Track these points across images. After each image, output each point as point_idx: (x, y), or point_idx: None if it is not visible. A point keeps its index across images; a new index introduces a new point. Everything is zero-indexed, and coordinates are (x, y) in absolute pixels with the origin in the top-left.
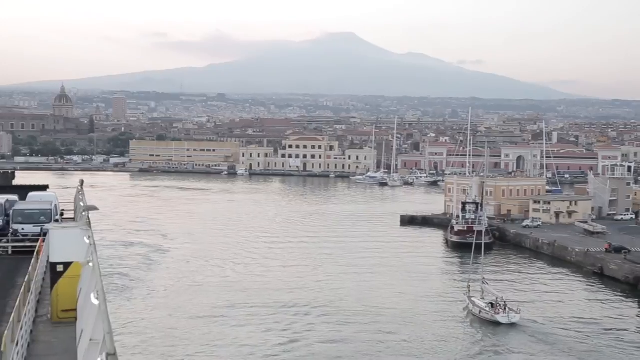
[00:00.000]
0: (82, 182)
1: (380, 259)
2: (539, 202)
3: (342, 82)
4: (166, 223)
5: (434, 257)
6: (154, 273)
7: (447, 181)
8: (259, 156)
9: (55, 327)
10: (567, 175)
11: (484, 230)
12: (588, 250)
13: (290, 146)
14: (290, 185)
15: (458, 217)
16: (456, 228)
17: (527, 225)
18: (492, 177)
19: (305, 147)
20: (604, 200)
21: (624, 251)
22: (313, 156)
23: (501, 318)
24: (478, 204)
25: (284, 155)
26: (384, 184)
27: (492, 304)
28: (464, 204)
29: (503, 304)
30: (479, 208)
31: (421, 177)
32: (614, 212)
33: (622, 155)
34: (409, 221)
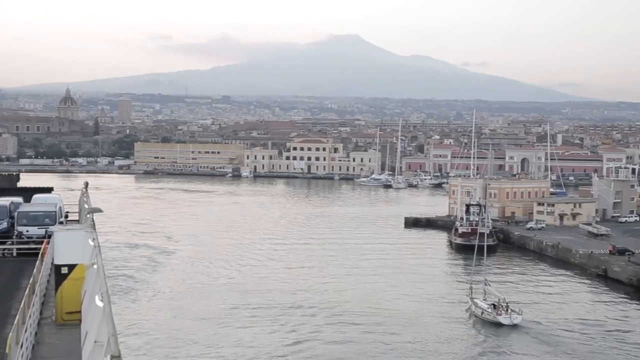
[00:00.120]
0: (86, 184)
1: (384, 260)
2: (543, 204)
3: (346, 84)
4: (171, 225)
5: (437, 259)
6: (158, 275)
7: (451, 183)
8: (263, 158)
9: (60, 329)
10: (571, 178)
11: (487, 232)
12: (592, 252)
13: (295, 148)
14: (295, 188)
15: (462, 219)
16: (460, 230)
17: (531, 227)
18: (496, 179)
19: (310, 149)
20: (608, 202)
21: (628, 253)
22: (317, 158)
23: (503, 319)
24: (482, 206)
25: (288, 158)
26: (388, 186)
27: (494, 305)
28: (468, 206)
29: (505, 306)
30: (483, 210)
31: (425, 179)
32: (618, 214)
33: (627, 158)
34: (413, 223)
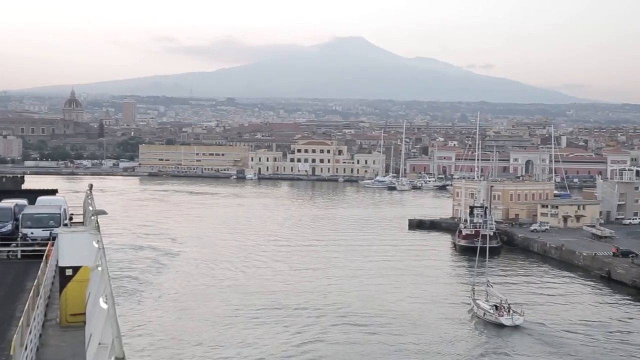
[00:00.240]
0: (91, 186)
1: (388, 262)
2: (547, 206)
3: (351, 86)
4: (175, 227)
5: (441, 261)
6: (163, 276)
7: (455, 185)
8: (267, 160)
9: (64, 331)
10: (576, 180)
11: (490, 234)
12: (595, 254)
13: (299, 150)
14: (299, 190)
15: (466, 221)
16: (464, 232)
17: (535, 229)
18: (500, 181)
19: (314, 151)
20: (612, 204)
21: (632, 255)
22: (322, 160)
23: (505, 320)
24: (486, 208)
25: (292, 160)
26: (392, 188)
27: (496, 306)
28: (472, 208)
29: (507, 307)
30: (487, 212)
31: (429, 181)
32: (622, 216)
33: (632, 160)
34: (417, 225)
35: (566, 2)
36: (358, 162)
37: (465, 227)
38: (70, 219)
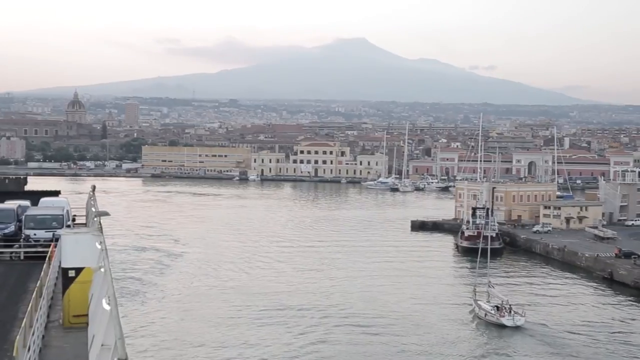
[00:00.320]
0: (93, 187)
1: (390, 263)
2: (549, 208)
3: (353, 87)
4: (178, 228)
5: (443, 262)
6: (165, 277)
7: (457, 186)
8: (270, 162)
9: (67, 332)
10: (578, 181)
11: (491, 235)
12: (598, 255)
13: (302, 152)
14: (302, 191)
15: (468, 222)
16: (466, 233)
17: (538, 231)
18: (503, 183)
19: (317, 152)
20: (615, 205)
21: (634, 256)
22: (324, 162)
23: (506, 321)
24: (488, 209)
25: (295, 161)
26: (395, 190)
27: (497, 307)
28: (474, 209)
29: (508, 307)
30: (489, 213)
31: (432, 182)
32: (625, 218)
33: (634, 161)
34: (420, 226)
35: (569, 3)
36: (361, 164)
37: (467, 229)
38: (73, 220)
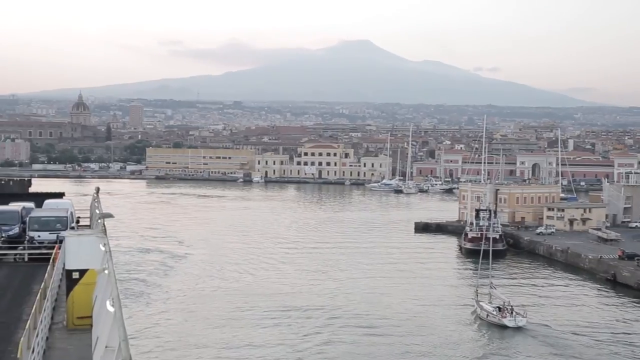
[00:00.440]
0: (97, 189)
1: (394, 265)
2: (553, 210)
3: (358, 89)
4: (182, 230)
5: (447, 264)
6: (170, 279)
7: (461, 188)
8: (274, 163)
9: (71, 334)
10: (582, 183)
11: (495, 237)
12: (601, 257)
13: (306, 153)
14: (306, 193)
15: (472, 224)
16: (470, 235)
17: (541, 233)
18: (506, 185)
19: (321, 154)
20: (618, 207)
21: (637, 258)
22: (328, 163)
23: (508, 322)
24: (492, 211)
25: (299, 163)
26: (399, 192)
27: (499, 308)
28: (478, 211)
29: (510, 308)
30: (493, 215)
31: (436, 184)
32: (629, 220)
33: (639, 163)
34: (423, 228)
35: (573, 4)
36: (365, 165)
37: (471, 230)
38: (77, 222)
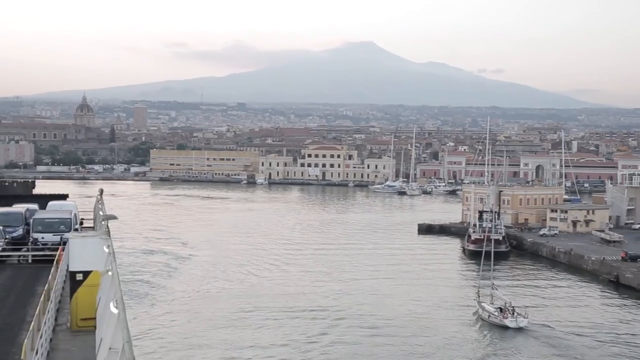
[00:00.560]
0: (101, 191)
1: (397, 266)
2: (556, 211)
3: (361, 91)
4: (186, 231)
5: (450, 265)
6: (173, 280)
7: (464, 190)
8: (278, 165)
9: (75, 335)
10: (586, 184)
11: (498, 239)
12: (604, 258)
13: (310, 155)
14: (309, 194)
15: (475, 225)
16: (473, 236)
17: (544, 234)
18: (510, 186)
19: (325, 156)
20: (622, 209)
21: None
22: (332, 165)
23: (509, 322)
24: (495, 213)
25: (303, 165)
26: (402, 193)
27: (500, 308)
28: (481, 213)
29: (511, 309)
30: (496, 217)
31: (440, 186)
32: (632, 221)
33: None
34: (427, 230)
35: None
36: (368, 167)
37: (474, 232)
38: (81, 223)
